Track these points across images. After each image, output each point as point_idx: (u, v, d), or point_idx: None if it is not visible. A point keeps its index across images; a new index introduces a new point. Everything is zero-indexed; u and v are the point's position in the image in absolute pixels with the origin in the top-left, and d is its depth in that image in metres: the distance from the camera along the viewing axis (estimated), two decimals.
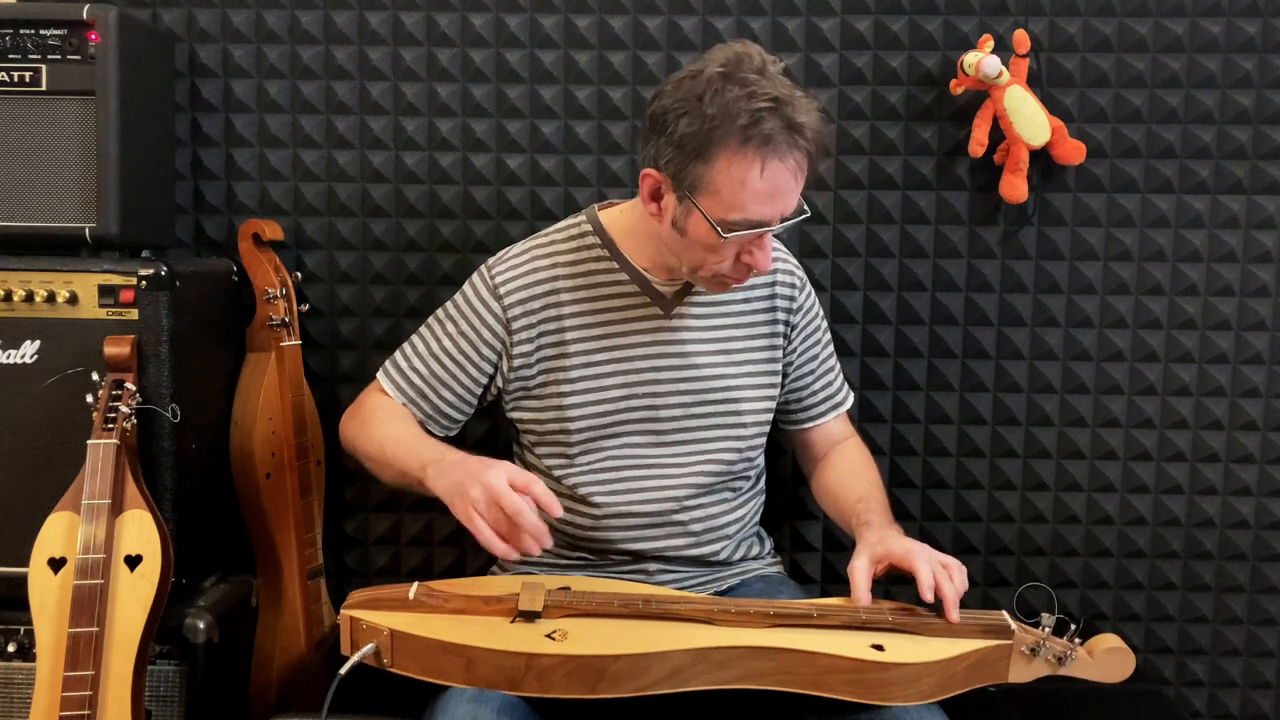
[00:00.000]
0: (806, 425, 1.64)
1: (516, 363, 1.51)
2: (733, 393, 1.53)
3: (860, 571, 1.33)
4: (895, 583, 1.35)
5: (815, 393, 1.62)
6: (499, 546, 1.25)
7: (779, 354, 1.56)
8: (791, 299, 1.56)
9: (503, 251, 1.55)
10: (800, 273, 1.59)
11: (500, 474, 1.26)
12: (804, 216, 1.39)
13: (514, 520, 1.24)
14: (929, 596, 1.28)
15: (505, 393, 1.53)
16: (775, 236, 1.55)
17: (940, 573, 1.30)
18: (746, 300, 1.54)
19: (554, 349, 1.50)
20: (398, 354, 1.57)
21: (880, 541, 1.36)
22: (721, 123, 1.27)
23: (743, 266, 1.40)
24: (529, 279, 1.50)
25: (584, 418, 1.49)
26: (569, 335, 1.50)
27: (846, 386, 1.67)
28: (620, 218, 1.52)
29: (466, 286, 1.54)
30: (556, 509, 1.26)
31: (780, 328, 1.56)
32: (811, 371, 1.61)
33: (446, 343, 1.52)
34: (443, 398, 1.53)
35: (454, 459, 1.36)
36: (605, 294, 1.50)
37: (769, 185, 1.30)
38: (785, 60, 1.34)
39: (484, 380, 1.53)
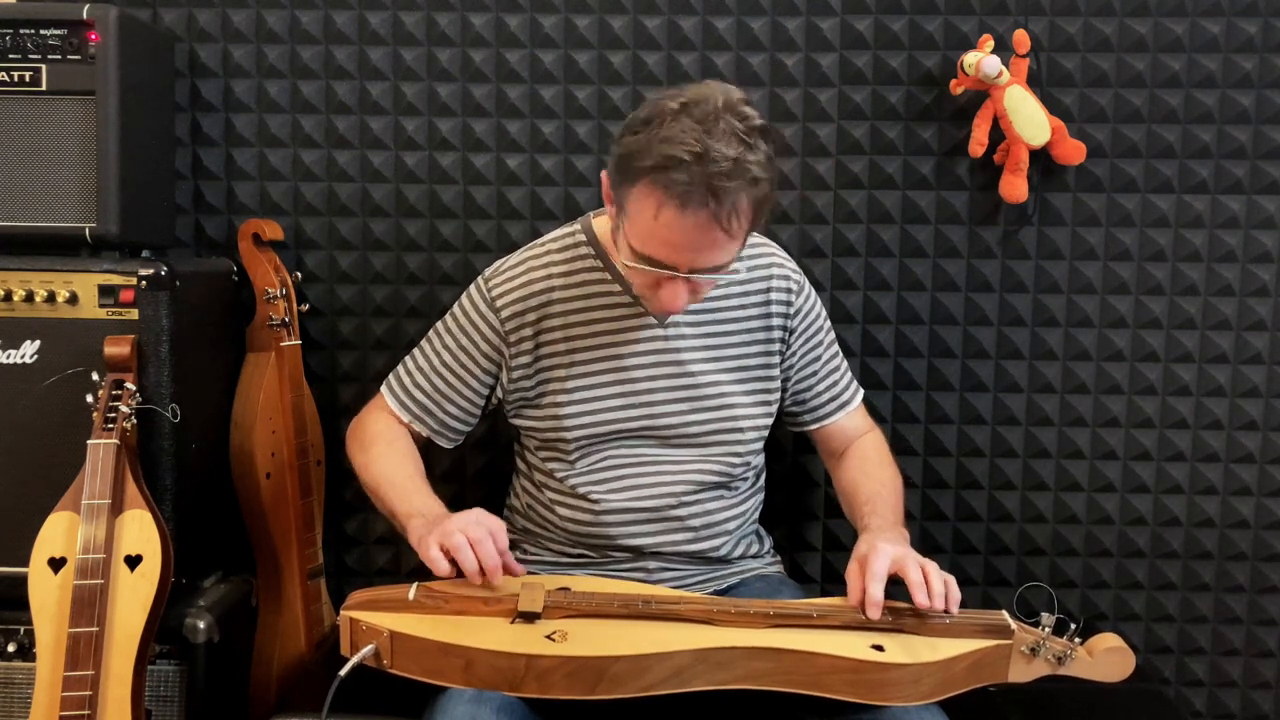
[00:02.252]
0: (813, 426, 1.63)
1: (516, 374, 1.51)
2: (728, 399, 1.52)
3: (850, 574, 1.33)
4: (896, 583, 1.35)
5: (820, 394, 1.61)
6: (466, 563, 1.31)
7: (776, 359, 1.56)
8: (788, 303, 1.55)
9: (499, 262, 1.55)
10: (798, 276, 1.57)
11: (478, 511, 1.36)
12: (721, 277, 1.37)
13: (487, 541, 1.31)
14: (921, 599, 1.27)
15: (506, 402, 1.54)
16: (778, 255, 1.56)
17: (919, 573, 1.29)
18: (741, 306, 1.53)
19: (551, 360, 1.50)
20: (400, 369, 1.58)
21: (864, 545, 1.35)
22: (640, 155, 1.26)
23: (656, 299, 1.37)
24: (524, 291, 1.50)
25: (581, 427, 1.50)
26: (565, 346, 1.50)
27: (855, 385, 1.66)
28: None
29: (464, 299, 1.54)
30: (516, 568, 1.35)
31: (776, 333, 1.55)
32: (815, 373, 1.60)
33: (447, 357, 1.53)
34: (447, 411, 1.54)
35: (436, 514, 1.39)
36: (599, 304, 1.50)
37: (664, 231, 1.28)
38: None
39: (485, 392, 1.54)
